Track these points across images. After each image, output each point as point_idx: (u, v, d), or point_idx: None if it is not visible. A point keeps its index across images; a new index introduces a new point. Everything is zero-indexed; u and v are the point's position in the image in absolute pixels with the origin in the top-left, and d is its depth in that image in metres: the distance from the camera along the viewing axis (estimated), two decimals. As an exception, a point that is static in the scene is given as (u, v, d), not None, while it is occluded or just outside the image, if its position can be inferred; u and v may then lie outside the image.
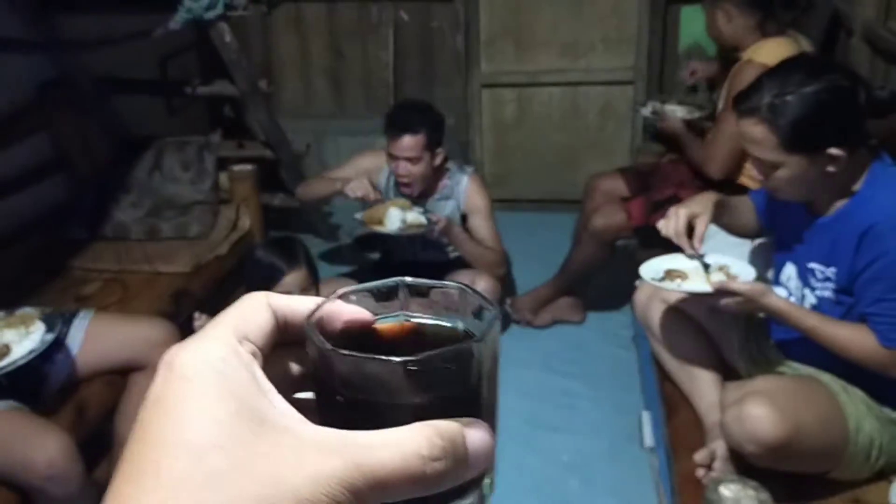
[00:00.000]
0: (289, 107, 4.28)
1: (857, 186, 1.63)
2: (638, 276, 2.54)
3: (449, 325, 0.37)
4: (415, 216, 2.72)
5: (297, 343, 0.35)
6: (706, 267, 1.78)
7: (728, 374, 1.97)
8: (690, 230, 1.79)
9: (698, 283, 1.73)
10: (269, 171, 3.45)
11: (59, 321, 1.90)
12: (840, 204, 1.65)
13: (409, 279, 0.38)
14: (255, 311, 0.35)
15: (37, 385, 1.94)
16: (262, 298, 0.35)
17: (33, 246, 2.76)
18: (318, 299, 0.36)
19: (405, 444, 0.30)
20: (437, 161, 2.83)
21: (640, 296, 2.08)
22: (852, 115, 1.57)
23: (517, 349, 2.97)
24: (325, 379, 0.34)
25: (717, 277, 1.71)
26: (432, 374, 0.33)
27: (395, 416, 0.32)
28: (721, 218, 1.87)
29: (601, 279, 3.09)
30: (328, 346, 0.33)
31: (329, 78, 4.28)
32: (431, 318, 0.38)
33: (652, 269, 1.82)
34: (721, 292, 1.65)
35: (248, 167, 3.09)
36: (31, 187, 2.79)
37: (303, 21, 4.17)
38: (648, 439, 2.40)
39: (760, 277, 1.76)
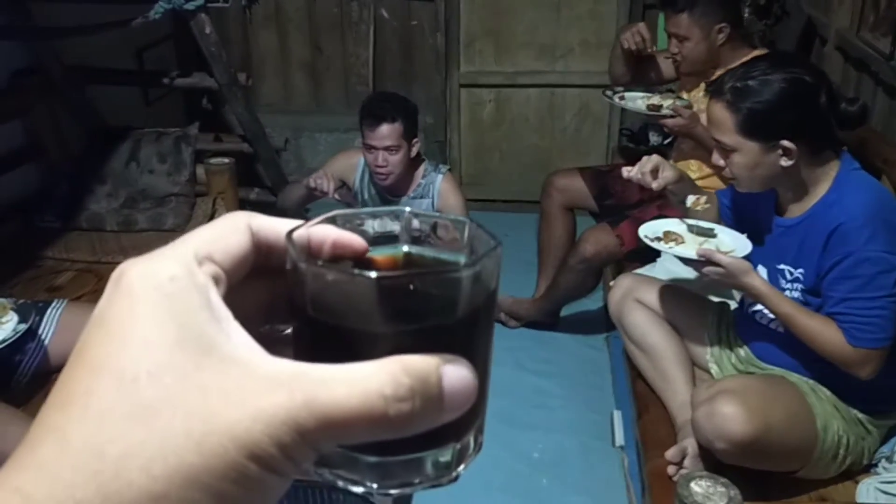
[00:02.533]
0: (267, 101, 4.26)
1: (825, 189, 1.67)
2: (611, 277, 2.58)
3: (451, 259, 0.34)
4: None
5: (283, 271, 0.32)
6: (699, 232, 1.80)
7: (700, 373, 2.00)
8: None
9: (689, 249, 1.75)
10: (246, 166, 3.43)
11: (32, 311, 1.88)
12: (808, 205, 1.69)
13: (410, 209, 0.35)
14: (229, 231, 0.31)
15: (7, 375, 1.92)
16: (241, 217, 0.32)
17: (5, 235, 2.72)
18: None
19: (367, 381, 0.27)
20: (414, 152, 2.84)
21: (615, 295, 2.11)
22: (810, 112, 1.61)
23: (491, 347, 2.99)
24: (298, 301, 0.31)
25: (710, 246, 1.73)
26: (411, 298, 0.29)
27: (368, 347, 0.28)
28: (685, 189, 1.91)
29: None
30: (302, 258, 0.30)
31: (308, 73, 4.27)
32: (433, 251, 0.35)
33: (651, 228, 1.85)
34: (705, 261, 1.68)
35: (226, 160, 3.07)
36: (3, 175, 2.75)
37: (283, 16, 4.15)
38: (619, 438, 2.42)
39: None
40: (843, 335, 1.59)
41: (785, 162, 1.62)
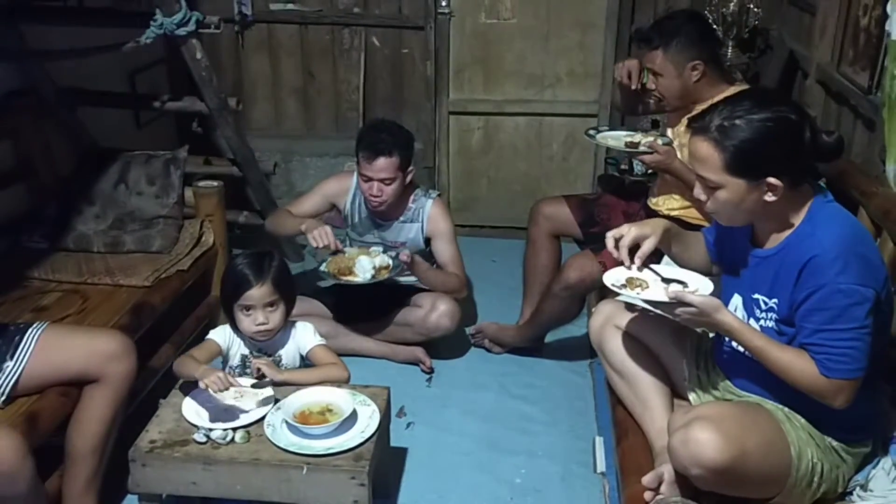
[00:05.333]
0: (258, 125, 4.30)
1: (799, 220, 1.70)
2: (594, 304, 2.60)
3: None
4: (381, 259, 2.77)
5: None
6: (666, 281, 1.81)
7: (678, 400, 2.01)
8: (636, 249, 1.84)
9: (657, 292, 1.77)
10: (235, 189, 3.46)
11: (13, 332, 1.88)
12: (782, 237, 1.72)
13: None
14: None
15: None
16: None
17: (-8, 255, 2.73)
18: None
19: None
20: (408, 179, 2.89)
21: (595, 321, 2.12)
22: (795, 149, 1.64)
23: (474, 372, 3.00)
24: None
25: (676, 289, 1.75)
26: None
27: None
28: (671, 246, 1.93)
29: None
30: None
31: (299, 98, 4.31)
32: None
33: (615, 276, 1.86)
34: (676, 302, 1.70)
35: (214, 184, 3.09)
36: (-9, 195, 2.77)
37: (275, 42, 4.20)
38: (601, 464, 2.43)
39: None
40: (816, 366, 1.61)
41: (769, 197, 1.65)
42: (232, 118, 3.19)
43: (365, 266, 2.72)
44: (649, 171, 3.05)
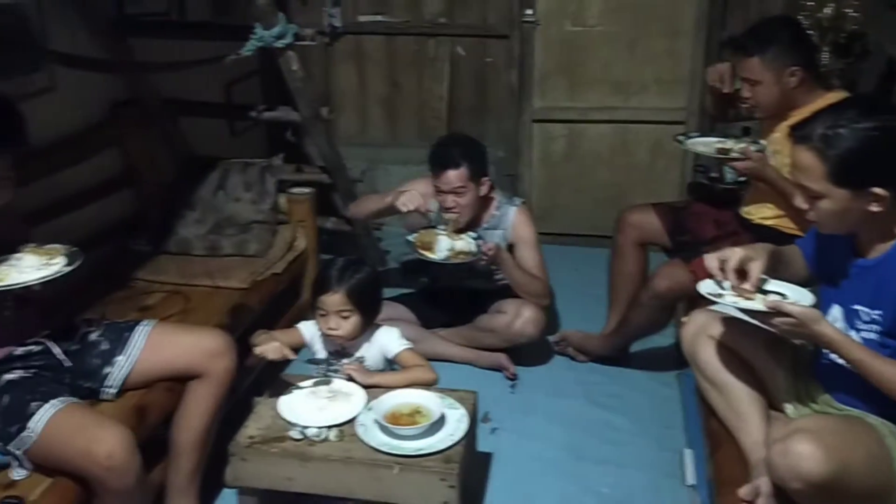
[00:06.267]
0: (344, 134, 4.40)
1: None
2: (683, 313, 2.57)
3: None
4: (464, 244, 2.78)
5: None
6: (763, 292, 1.77)
7: (774, 412, 1.97)
8: (741, 274, 1.80)
9: (755, 302, 1.74)
10: (322, 196, 3.55)
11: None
12: (887, 246, 1.67)
13: None
14: None
15: (96, 386, 2.03)
16: None
17: (100, 257, 2.86)
18: None
19: None
20: (483, 190, 2.90)
21: (688, 331, 2.10)
22: None
23: (558, 380, 3.00)
24: None
25: (775, 298, 1.71)
26: None
27: None
28: (775, 269, 1.88)
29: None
30: None
31: (385, 108, 4.41)
32: None
33: (712, 284, 1.83)
34: (774, 312, 1.67)
35: (307, 190, 3.20)
36: (99, 200, 2.92)
37: (362, 52, 4.30)
38: (690, 477, 2.40)
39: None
40: None
41: (875, 208, 1.61)
42: (323, 127, 3.29)
43: (443, 245, 2.74)
44: (741, 178, 3.00)
